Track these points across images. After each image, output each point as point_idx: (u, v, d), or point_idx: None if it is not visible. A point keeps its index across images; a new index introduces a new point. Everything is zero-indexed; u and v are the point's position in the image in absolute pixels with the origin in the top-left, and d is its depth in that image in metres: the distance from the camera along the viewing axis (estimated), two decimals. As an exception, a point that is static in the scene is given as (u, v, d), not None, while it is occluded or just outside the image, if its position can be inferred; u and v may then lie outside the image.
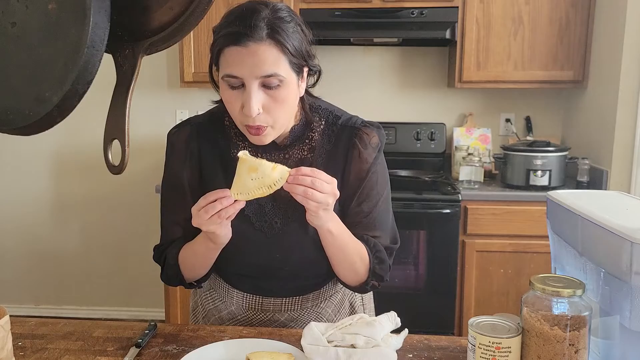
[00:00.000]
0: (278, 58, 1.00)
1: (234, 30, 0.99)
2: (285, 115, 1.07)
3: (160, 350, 1.05)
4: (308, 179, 0.98)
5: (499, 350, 0.87)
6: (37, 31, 0.73)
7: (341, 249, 1.12)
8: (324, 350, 0.95)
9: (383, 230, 1.19)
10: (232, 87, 1.02)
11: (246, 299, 1.24)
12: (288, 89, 1.03)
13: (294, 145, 1.16)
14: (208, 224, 1.01)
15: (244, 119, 1.04)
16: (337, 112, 1.21)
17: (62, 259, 3.37)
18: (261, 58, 0.99)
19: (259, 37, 0.98)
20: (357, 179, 1.16)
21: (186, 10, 0.75)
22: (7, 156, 3.30)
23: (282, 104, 1.04)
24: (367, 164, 1.16)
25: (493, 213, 2.52)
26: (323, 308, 1.25)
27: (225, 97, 1.05)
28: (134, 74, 0.78)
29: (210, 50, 1.05)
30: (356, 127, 1.17)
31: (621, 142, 2.48)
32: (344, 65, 3.09)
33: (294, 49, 1.02)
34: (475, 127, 3.02)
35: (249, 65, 0.99)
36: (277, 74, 1.00)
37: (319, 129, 1.17)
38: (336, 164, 1.15)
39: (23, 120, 0.75)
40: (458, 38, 2.70)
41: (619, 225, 0.82)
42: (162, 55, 3.03)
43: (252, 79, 1.00)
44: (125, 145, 0.76)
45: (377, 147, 1.17)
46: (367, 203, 1.17)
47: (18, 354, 1.03)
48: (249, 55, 0.98)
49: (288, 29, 1.02)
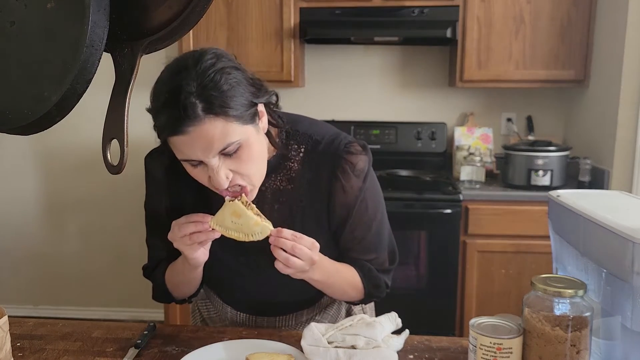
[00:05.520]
0: (225, 127, 0.91)
1: (167, 119, 0.91)
2: (256, 168, 1.00)
3: (160, 351, 1.05)
4: (289, 243, 0.96)
5: (500, 351, 0.87)
6: (36, 30, 0.73)
7: (330, 287, 1.11)
8: (324, 351, 0.94)
9: (379, 252, 1.16)
10: (194, 166, 0.96)
11: (239, 317, 1.24)
12: (249, 146, 0.96)
13: (269, 176, 1.08)
14: (180, 242, 1.00)
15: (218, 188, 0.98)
16: (317, 135, 1.11)
17: (61, 259, 3.37)
18: (208, 138, 0.91)
19: (195, 117, 0.89)
20: (344, 209, 1.10)
21: (185, 8, 0.75)
22: (5, 156, 3.29)
23: (249, 162, 0.97)
24: (352, 194, 1.10)
25: (494, 213, 2.52)
26: (319, 320, 1.23)
27: (191, 173, 0.99)
28: (133, 73, 0.77)
29: (155, 131, 0.97)
30: (338, 155, 1.09)
31: (623, 141, 2.47)
32: (345, 65, 3.09)
33: (237, 107, 0.92)
34: (477, 127, 3.01)
35: (200, 149, 0.92)
36: (231, 142, 0.93)
37: (297, 157, 1.10)
38: (320, 194, 1.09)
39: (22, 120, 0.75)
40: (459, 37, 2.69)
41: (620, 226, 0.81)
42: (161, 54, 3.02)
43: (208, 158, 0.93)
44: (125, 145, 0.75)
45: (362, 173, 1.10)
46: (360, 230, 1.13)
47: (17, 355, 1.03)
48: (194, 140, 0.91)
49: (222, 89, 0.91)
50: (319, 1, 2.69)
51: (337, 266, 1.11)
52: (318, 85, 3.05)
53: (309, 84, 3.08)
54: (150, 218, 1.19)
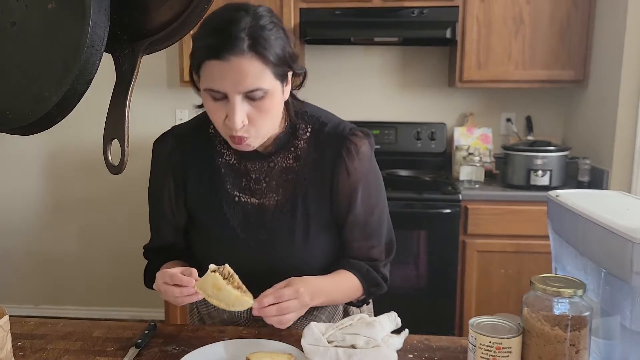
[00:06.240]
0: (261, 71, 0.96)
1: (214, 42, 0.95)
2: (269, 124, 1.05)
3: (160, 350, 1.05)
4: (273, 309, 0.97)
5: (500, 351, 0.87)
6: (37, 30, 0.73)
7: (333, 301, 1.16)
8: (324, 351, 0.94)
9: (378, 239, 1.18)
10: (215, 99, 0.99)
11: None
12: (272, 99, 1.01)
13: (278, 154, 1.13)
14: (165, 295, 1.03)
15: (228, 130, 1.02)
16: (324, 118, 1.16)
17: (62, 259, 3.37)
18: (243, 73, 0.95)
19: (240, 50, 0.94)
20: (348, 191, 1.13)
21: (186, 9, 0.75)
22: (6, 156, 3.29)
23: (267, 114, 1.01)
24: (356, 176, 1.12)
25: (494, 213, 2.52)
26: (316, 315, 1.23)
27: (208, 107, 1.02)
28: (134, 74, 0.78)
29: (190, 59, 1.01)
30: (344, 137, 1.12)
31: (622, 141, 2.47)
32: (344, 65, 3.09)
33: (276, 58, 0.98)
34: (476, 127, 3.01)
35: (232, 81, 0.95)
36: (261, 88, 0.97)
37: (304, 136, 1.14)
38: (323, 174, 1.12)
39: (22, 120, 0.75)
40: (459, 37, 2.69)
41: (619, 225, 0.81)
42: (161, 54, 3.03)
43: (235, 93, 0.97)
44: (125, 145, 0.76)
45: (366, 156, 1.13)
46: (362, 214, 1.14)
47: (17, 354, 1.03)
48: (230, 70, 0.95)
49: (270, 37, 0.97)
50: (319, 2, 2.69)
51: (333, 281, 1.13)
52: (318, 86, 3.06)
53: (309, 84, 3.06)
54: (153, 200, 1.22)
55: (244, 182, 1.14)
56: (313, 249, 1.13)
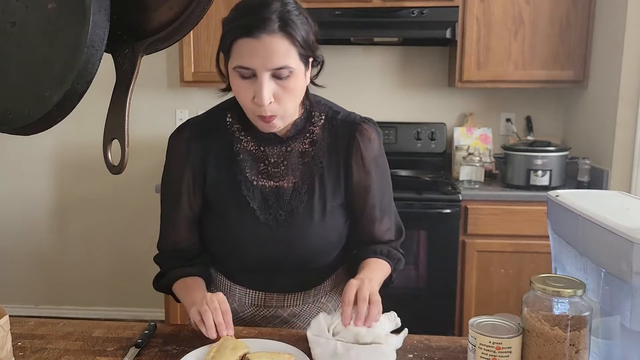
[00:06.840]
0: (289, 50, 1.04)
1: (247, 22, 1.02)
2: (293, 104, 1.11)
3: (160, 350, 1.05)
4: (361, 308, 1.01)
5: (500, 351, 0.87)
6: (37, 31, 0.73)
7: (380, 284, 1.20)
8: (325, 342, 0.98)
9: (390, 221, 1.26)
10: (243, 77, 1.05)
11: (249, 295, 1.24)
12: (297, 79, 1.07)
13: (295, 138, 1.19)
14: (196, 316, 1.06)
15: (256, 109, 1.07)
16: (336, 107, 1.25)
17: (62, 259, 3.37)
18: (273, 50, 1.02)
19: (271, 29, 1.02)
20: (362, 172, 1.20)
21: (186, 9, 0.75)
22: (6, 156, 3.29)
23: (292, 93, 1.08)
24: (370, 157, 1.20)
25: (493, 213, 2.52)
26: (324, 303, 1.27)
27: (236, 86, 1.08)
28: (134, 74, 0.78)
29: (221, 41, 1.08)
30: (356, 123, 1.21)
31: (622, 141, 2.47)
32: (344, 65, 3.09)
33: (303, 40, 1.06)
34: (476, 127, 3.01)
35: (262, 57, 1.02)
36: (288, 66, 1.04)
37: (319, 123, 1.21)
38: (337, 157, 1.19)
39: (23, 120, 0.75)
40: (458, 37, 2.69)
41: (619, 225, 0.82)
42: (162, 54, 3.03)
43: (263, 70, 1.03)
44: (125, 145, 0.76)
45: (377, 142, 1.22)
46: (375, 196, 1.22)
47: (18, 354, 1.03)
48: (261, 47, 1.02)
49: (297, 21, 1.05)
50: (319, 2, 2.70)
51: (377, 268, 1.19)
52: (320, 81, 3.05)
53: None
54: (169, 194, 1.23)
55: (262, 167, 1.19)
56: (329, 225, 1.19)
